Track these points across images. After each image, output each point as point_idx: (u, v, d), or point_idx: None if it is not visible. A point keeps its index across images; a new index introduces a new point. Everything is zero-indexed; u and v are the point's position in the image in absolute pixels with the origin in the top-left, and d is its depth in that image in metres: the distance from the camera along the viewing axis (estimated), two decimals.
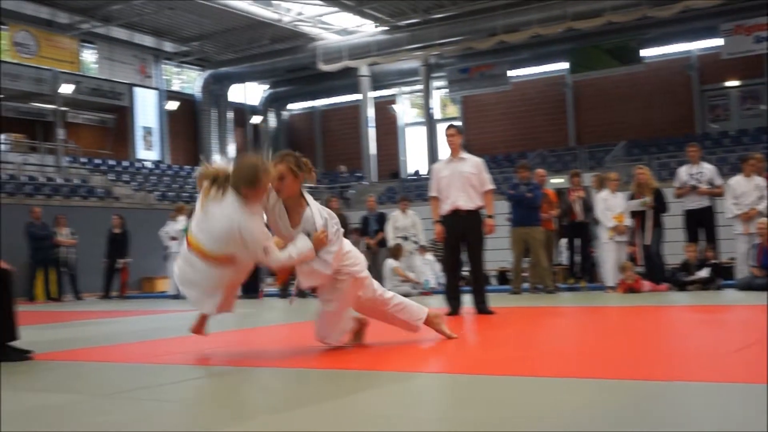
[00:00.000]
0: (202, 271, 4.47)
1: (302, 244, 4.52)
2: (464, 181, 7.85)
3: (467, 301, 8.22)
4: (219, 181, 4.45)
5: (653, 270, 11.34)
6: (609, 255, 11.63)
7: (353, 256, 4.87)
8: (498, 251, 15.25)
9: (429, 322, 5.25)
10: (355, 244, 14.65)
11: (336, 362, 4.42)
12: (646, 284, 11.05)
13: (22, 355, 5.08)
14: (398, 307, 5.10)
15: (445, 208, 7.91)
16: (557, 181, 19.94)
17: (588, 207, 12.40)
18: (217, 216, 4.40)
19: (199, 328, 4.89)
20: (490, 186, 7.95)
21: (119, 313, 10.83)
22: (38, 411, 3.34)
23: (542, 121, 30.50)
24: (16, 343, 5.10)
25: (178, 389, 3.79)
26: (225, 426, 2.87)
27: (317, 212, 4.60)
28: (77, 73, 27.29)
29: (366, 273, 4.95)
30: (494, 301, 8.17)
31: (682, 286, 10.99)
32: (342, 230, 4.78)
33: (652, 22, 25.33)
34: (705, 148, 15.22)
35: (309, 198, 4.65)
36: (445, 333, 5.31)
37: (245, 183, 4.38)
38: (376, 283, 5.06)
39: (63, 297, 16.18)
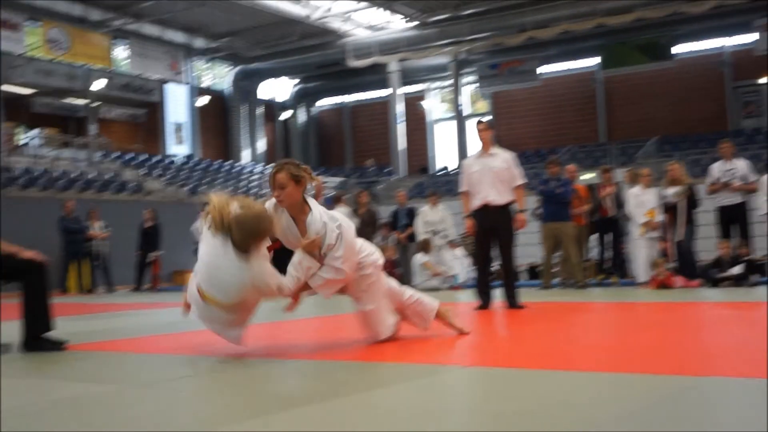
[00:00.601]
0: (219, 312, 4.45)
1: (297, 259, 4.46)
2: (494, 177, 7.82)
3: (498, 295, 8.20)
4: (221, 227, 4.27)
5: (685, 266, 11.25)
6: (641, 251, 11.55)
7: (366, 248, 4.81)
8: (528, 246, 15.22)
9: (440, 315, 5.16)
10: (385, 238, 14.71)
11: (367, 355, 4.43)
12: (679, 280, 10.96)
13: (58, 345, 5.14)
14: (412, 299, 5.05)
15: (476, 203, 7.89)
16: (587, 176, 19.82)
17: (619, 203, 12.33)
18: (225, 271, 4.27)
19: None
20: (521, 181, 7.92)
21: (151, 305, 10.92)
22: (74, 401, 3.38)
23: (572, 117, 30.34)
24: (51, 334, 5.17)
25: (211, 380, 3.81)
26: (260, 416, 2.89)
27: (318, 216, 4.48)
28: (109, 69, 27.53)
29: (382, 261, 4.90)
30: (524, 296, 8.14)
31: (714, 283, 10.89)
32: (352, 228, 4.64)
33: (684, 18, 25.10)
34: (738, 144, 15.04)
35: (312, 202, 4.55)
36: (456, 327, 5.19)
37: (253, 238, 4.25)
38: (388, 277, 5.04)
39: (95, 289, 16.35)
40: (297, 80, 34.84)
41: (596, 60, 29.17)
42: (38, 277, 5.15)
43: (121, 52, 28.54)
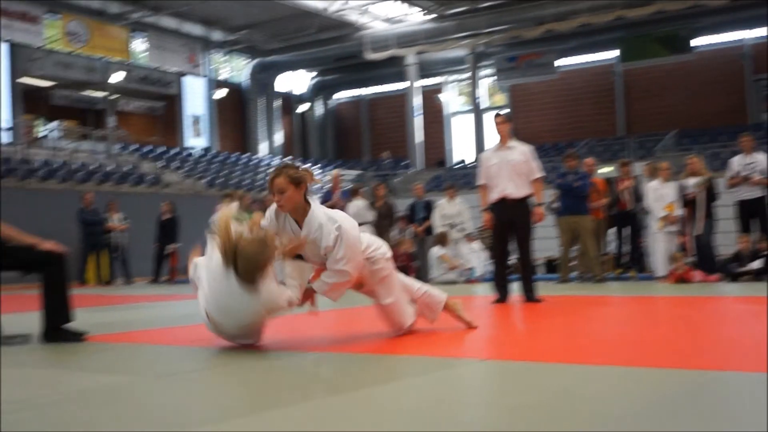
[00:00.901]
0: (230, 332, 4.44)
1: (289, 270, 4.44)
2: (512, 170, 7.79)
3: (515, 289, 8.18)
4: (226, 252, 4.19)
5: (704, 260, 11.18)
6: (659, 245, 11.49)
7: (373, 242, 4.79)
8: (545, 240, 15.17)
9: (448, 307, 5.11)
10: (402, 231, 14.71)
11: (385, 347, 4.43)
12: (697, 274, 10.90)
13: (77, 336, 5.17)
14: (421, 291, 5.03)
15: (493, 196, 7.87)
16: (605, 170, 19.74)
17: (637, 196, 12.27)
18: (234, 306, 4.22)
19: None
20: (540, 174, 7.89)
21: (169, 297, 10.97)
22: (93, 392, 3.40)
23: (590, 110, 30.21)
24: (70, 325, 5.20)
25: (229, 372, 3.82)
26: (280, 407, 2.90)
27: (314, 218, 4.40)
28: (127, 61, 27.65)
29: (390, 254, 4.86)
30: (542, 289, 8.12)
31: (734, 277, 10.82)
32: (355, 228, 4.53)
33: (704, 10, 24.91)
34: (758, 138, 14.92)
35: (314, 204, 4.48)
36: (464, 320, 5.14)
37: (259, 270, 4.16)
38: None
39: (114, 281, 16.44)
40: (314, 73, 34.87)
41: (615, 53, 29.02)
42: (58, 268, 5.18)
43: (139, 45, 28.66)
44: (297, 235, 4.44)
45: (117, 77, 26.98)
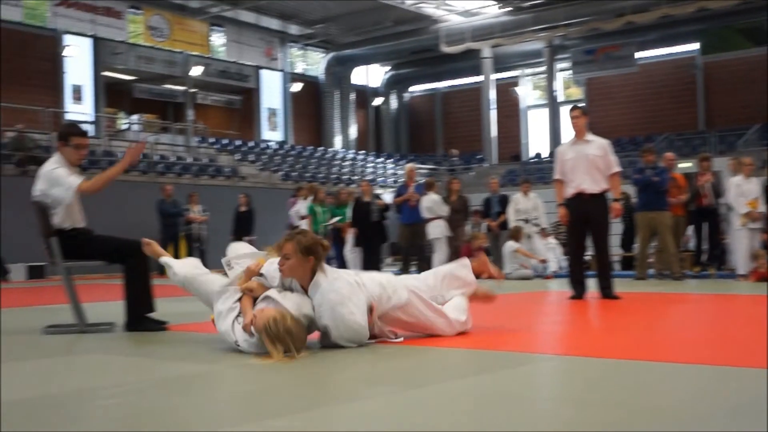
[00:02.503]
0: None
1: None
2: (589, 164, 7.68)
3: (591, 285, 8.07)
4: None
5: None
6: (741, 242, 11.21)
7: (387, 288, 4.41)
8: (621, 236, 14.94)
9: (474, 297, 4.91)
10: (476, 225, 14.64)
11: (470, 342, 4.43)
12: None
13: (159, 325, 5.32)
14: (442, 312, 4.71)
15: (569, 191, 7.77)
16: (685, 165, 19.32)
17: (717, 192, 11.98)
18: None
19: None
20: (617, 168, 7.76)
21: None
22: (176, 380, 3.49)
23: (670, 103, 29.59)
24: (153, 315, 5.34)
25: (313, 362, 3.86)
26: (354, 400, 2.94)
27: (319, 293, 4.14)
28: (206, 55, 28.13)
29: (406, 296, 4.46)
30: (618, 286, 8.00)
31: None
32: (359, 304, 4.19)
33: None
34: None
35: (322, 276, 4.18)
36: (483, 293, 4.92)
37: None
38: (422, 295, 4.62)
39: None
40: (389, 66, 34.93)
41: (696, 45, 28.37)
42: (140, 259, 5.32)
43: (218, 39, 29.12)
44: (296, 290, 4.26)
45: (196, 71, 27.48)
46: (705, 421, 2.46)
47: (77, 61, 24.50)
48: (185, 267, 4.84)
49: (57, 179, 5.33)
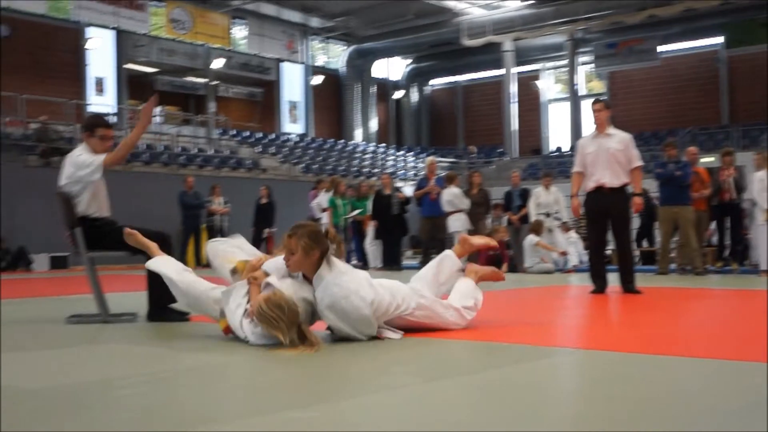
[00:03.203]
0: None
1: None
2: (610, 158, 7.63)
3: (613, 280, 8.03)
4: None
5: None
6: (764, 237, 11.11)
7: (397, 296, 4.34)
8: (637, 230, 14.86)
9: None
10: (497, 219, 14.61)
11: (489, 335, 4.43)
12: None
13: (182, 316, 5.35)
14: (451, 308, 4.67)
15: (590, 184, 7.73)
16: (707, 159, 19.17)
17: (739, 187, 11.88)
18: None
19: None
20: (639, 162, 7.71)
21: None
22: (197, 370, 3.51)
23: (693, 97, 29.37)
24: (175, 305, 5.38)
25: (330, 354, 3.87)
26: (389, 387, 2.95)
27: (322, 286, 4.10)
28: (228, 48, 28.21)
29: (414, 306, 4.42)
30: (640, 281, 7.96)
31: None
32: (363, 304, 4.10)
33: None
34: None
35: (333, 265, 4.15)
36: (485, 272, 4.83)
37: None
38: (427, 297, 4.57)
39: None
40: (410, 59, 34.89)
41: (720, 39, 28.14)
42: (164, 250, 5.35)
43: (239, 32, 29.19)
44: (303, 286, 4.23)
45: (218, 63, 27.57)
46: (722, 416, 2.45)
47: (100, 53, 24.66)
48: (169, 266, 4.80)
49: (83, 162, 5.40)
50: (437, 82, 36.28)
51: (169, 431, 2.30)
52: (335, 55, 32.94)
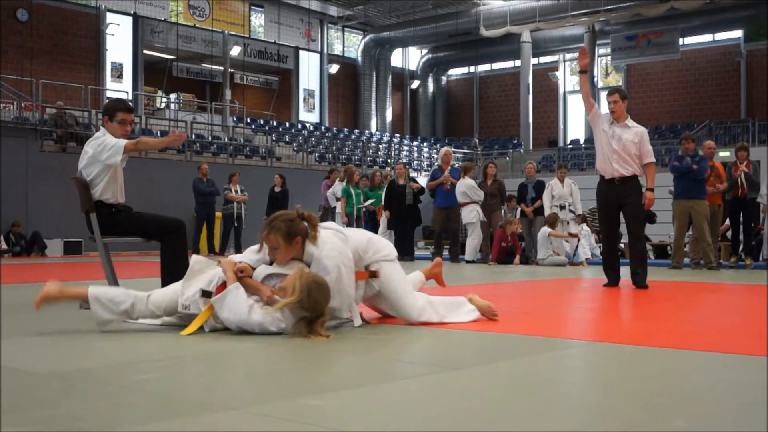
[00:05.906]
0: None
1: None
2: (623, 149, 7.58)
3: (625, 273, 8.00)
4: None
5: None
6: None
7: (375, 242, 4.47)
8: (657, 224, 14.83)
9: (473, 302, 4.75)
10: (512, 211, 14.57)
11: (501, 327, 4.44)
12: None
13: None
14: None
15: (601, 173, 7.70)
16: (725, 154, 19.08)
17: (751, 182, 11.79)
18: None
19: None
20: (652, 159, 7.65)
21: None
22: (214, 356, 3.54)
23: (712, 91, 29.19)
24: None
25: (346, 341, 3.90)
26: (408, 375, 2.97)
27: (313, 261, 4.14)
28: (245, 36, 28.23)
29: (396, 254, 4.51)
30: (653, 274, 7.94)
31: None
32: (350, 266, 4.18)
33: None
34: None
35: (313, 247, 4.17)
36: (487, 310, 4.65)
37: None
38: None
39: (225, 251, 16.86)
40: (427, 49, 34.82)
41: (740, 32, 27.94)
42: (178, 237, 5.39)
43: (257, 19, 29.21)
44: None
45: (235, 51, 27.60)
46: (733, 409, 2.45)
47: (118, 39, 24.73)
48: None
49: (104, 144, 5.40)
50: (454, 72, 36.22)
51: (183, 415, 2.32)
52: (352, 44, 32.92)
